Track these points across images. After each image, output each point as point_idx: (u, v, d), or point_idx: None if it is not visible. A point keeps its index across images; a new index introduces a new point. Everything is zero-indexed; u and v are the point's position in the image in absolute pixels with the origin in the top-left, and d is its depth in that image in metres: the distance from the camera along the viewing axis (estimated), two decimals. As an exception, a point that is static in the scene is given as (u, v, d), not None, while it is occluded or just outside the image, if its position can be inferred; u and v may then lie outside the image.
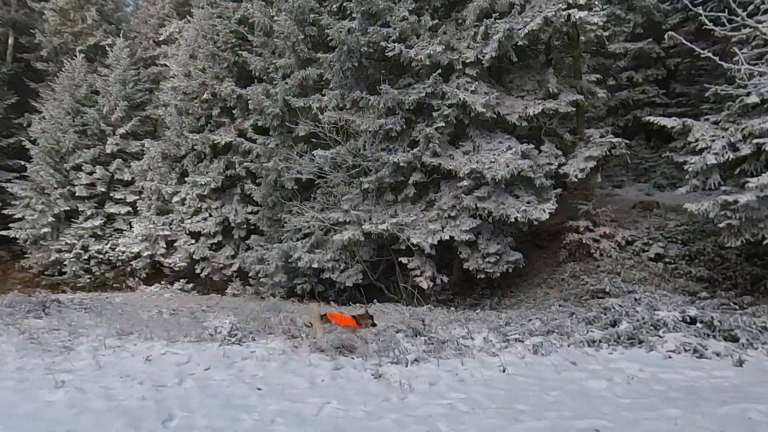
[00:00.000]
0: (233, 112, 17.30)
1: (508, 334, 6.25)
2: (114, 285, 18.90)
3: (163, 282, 17.51)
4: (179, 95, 17.39)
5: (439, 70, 10.37)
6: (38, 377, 4.78)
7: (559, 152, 10.79)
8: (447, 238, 9.91)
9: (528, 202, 9.95)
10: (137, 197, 19.13)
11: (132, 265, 18.48)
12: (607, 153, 10.82)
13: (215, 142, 16.37)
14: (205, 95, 16.78)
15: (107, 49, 21.37)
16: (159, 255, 17.49)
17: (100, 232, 18.85)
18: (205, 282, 17.98)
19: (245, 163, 15.80)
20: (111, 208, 19.00)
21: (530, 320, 7.21)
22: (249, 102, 15.62)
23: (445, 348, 5.68)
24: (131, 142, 19.97)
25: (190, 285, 17.15)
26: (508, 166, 9.55)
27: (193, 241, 17.30)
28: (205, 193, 16.93)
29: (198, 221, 17.02)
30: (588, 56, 16.11)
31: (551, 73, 11.05)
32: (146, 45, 23.77)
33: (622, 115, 17.56)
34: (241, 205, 17.10)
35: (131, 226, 19.20)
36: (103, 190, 18.95)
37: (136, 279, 18.97)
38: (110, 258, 18.64)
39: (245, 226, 16.97)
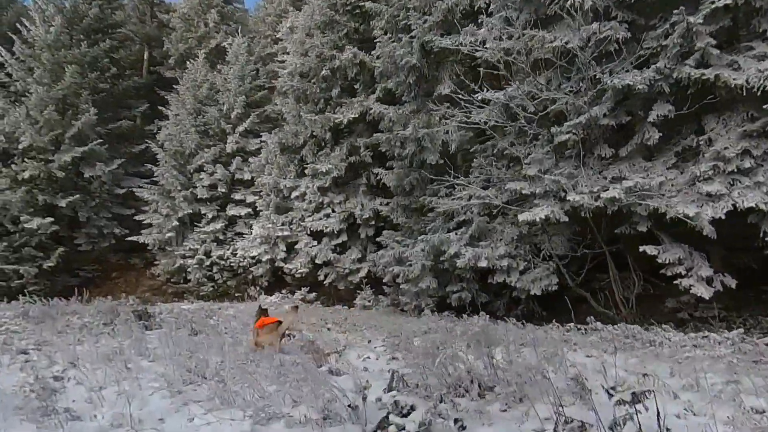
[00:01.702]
0: (355, 88, 14.58)
1: None
2: (236, 294, 17.26)
3: (284, 291, 15.22)
4: (296, 78, 15.20)
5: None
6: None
7: None
8: (743, 206, 5.45)
9: None
10: (257, 197, 17.42)
11: (252, 272, 16.64)
12: None
13: (337, 122, 13.70)
14: (323, 71, 14.29)
15: (227, 48, 20.48)
16: (279, 260, 15.28)
17: (221, 237, 17.44)
18: (329, 290, 15.35)
19: (373, 143, 12.80)
20: (232, 210, 17.51)
21: None
22: (375, 68, 12.71)
23: None
24: (250, 140, 18.51)
25: (313, 294, 14.59)
26: None
27: (314, 242, 14.79)
28: (326, 185, 14.34)
29: (319, 218, 14.47)
30: None
31: None
32: (264, 43, 22.81)
33: None
34: (367, 197, 14.16)
35: (251, 230, 17.55)
36: (224, 191, 17.57)
37: (257, 287, 17.11)
38: (231, 264, 17.06)
39: (373, 222, 13.96)
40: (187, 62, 19.66)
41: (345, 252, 14.44)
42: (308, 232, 14.95)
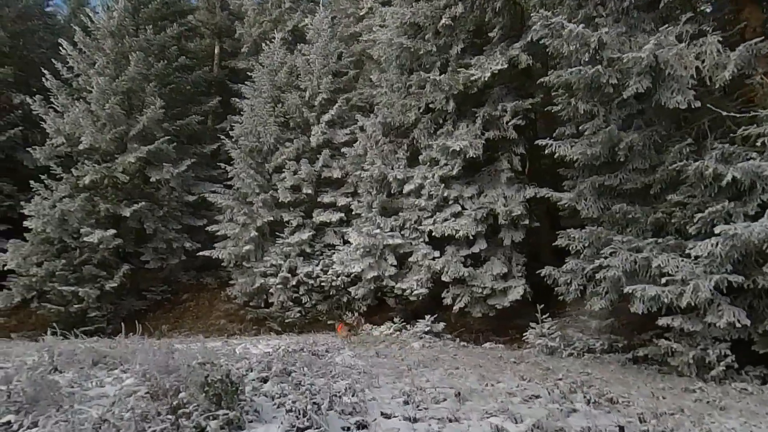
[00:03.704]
0: (489, 36, 10.67)
1: None
2: (329, 321, 13.72)
3: (397, 319, 11.37)
4: (401, 35, 11.56)
5: None
6: None
7: None
8: None
9: None
10: (350, 199, 13.90)
11: (351, 293, 13.01)
12: None
13: (472, 80, 9.81)
14: (443, 20, 10.53)
15: (307, 29, 17.49)
16: (387, 277, 11.49)
17: (308, 249, 14.03)
18: (458, 319, 11.35)
19: (525, 108, 8.79)
20: (320, 216, 14.09)
21: None
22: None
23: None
24: (338, 130, 15.14)
25: (441, 324, 10.58)
26: None
27: (436, 253, 10.89)
28: (453, 173, 10.46)
29: (444, 219, 10.58)
30: None
31: None
32: (346, 23, 19.64)
33: None
34: (513, 187, 10.09)
35: (344, 240, 14.03)
36: (309, 192, 14.23)
37: (355, 313, 13.46)
38: (322, 283, 13.56)
39: (526, 221, 9.83)
40: (263, 45, 16.78)
41: (482, 265, 10.40)
42: (426, 239, 11.10)
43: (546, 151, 8.45)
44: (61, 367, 5.34)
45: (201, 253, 14.58)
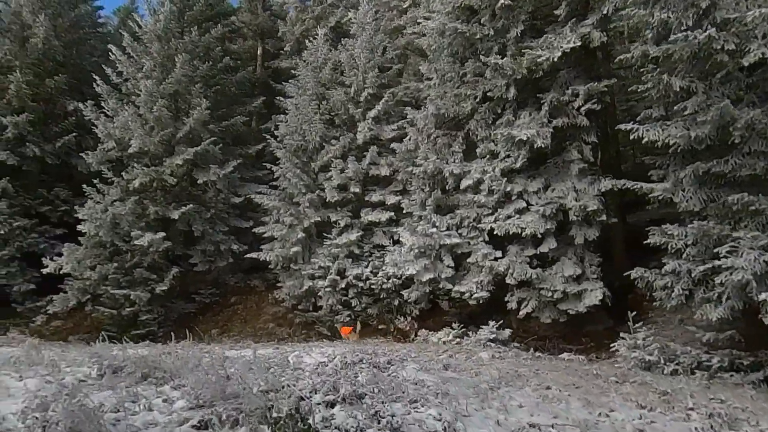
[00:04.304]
0: (554, 15, 9.69)
1: None
2: (379, 327, 13.09)
3: (456, 325, 10.55)
4: (454, 20, 10.74)
5: None
6: None
7: None
8: None
9: None
10: (399, 197, 13.22)
11: (403, 296, 12.32)
12: None
13: (537, 64, 8.89)
14: (501, 0, 9.64)
15: (350, 23, 16.97)
16: (443, 279, 10.70)
17: (357, 251, 13.44)
18: (516, 326, 10.42)
19: (600, 90, 7.78)
20: (369, 216, 13.48)
21: None
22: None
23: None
24: (385, 126, 14.49)
25: (506, 331, 9.67)
26: None
27: (498, 253, 10.00)
28: (516, 166, 9.55)
29: (507, 216, 9.68)
30: None
31: None
32: (389, 16, 18.99)
33: None
34: (585, 179, 9.07)
35: (393, 240, 13.36)
36: (356, 191, 13.66)
37: (407, 317, 12.75)
38: (372, 286, 12.93)
39: (602, 216, 8.80)
40: (306, 42, 16.37)
41: (551, 266, 9.42)
42: (485, 238, 10.23)
43: (620, 138, 7.44)
44: (108, 382, 4.91)
45: (248, 255, 14.29)
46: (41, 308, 14.48)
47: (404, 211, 12.58)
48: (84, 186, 13.74)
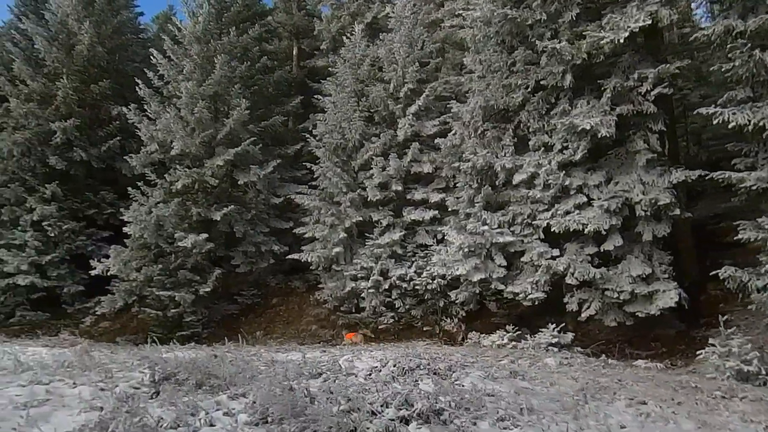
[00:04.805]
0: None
1: None
2: (424, 328, 12.64)
3: (510, 327, 9.95)
4: (502, 6, 10.15)
5: None
6: None
7: None
8: None
9: None
10: (443, 194, 12.76)
11: (449, 297, 11.84)
12: None
13: (599, 47, 8.24)
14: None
15: (388, 18, 16.59)
16: (495, 279, 10.13)
17: (399, 251, 13.03)
18: (573, 329, 9.74)
19: (672, 73, 7.07)
20: (412, 215, 13.06)
21: None
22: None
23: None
24: (426, 122, 14.04)
25: (569, 335, 9.02)
26: None
27: (555, 251, 9.36)
28: (576, 158, 8.89)
29: (566, 213, 9.05)
30: None
31: None
32: (427, 9, 18.48)
33: None
34: (654, 170, 8.35)
35: (437, 239, 12.91)
36: (398, 188, 13.26)
37: (455, 320, 12.25)
38: (416, 287, 12.50)
39: (675, 210, 8.07)
40: (343, 39, 16.09)
41: (616, 265, 8.73)
42: (540, 236, 9.61)
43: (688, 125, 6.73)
44: (162, 391, 4.67)
45: (290, 257, 14.10)
46: (90, 309, 14.78)
47: (449, 210, 12.10)
48: (129, 189, 13.88)
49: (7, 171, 15.48)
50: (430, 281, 12.22)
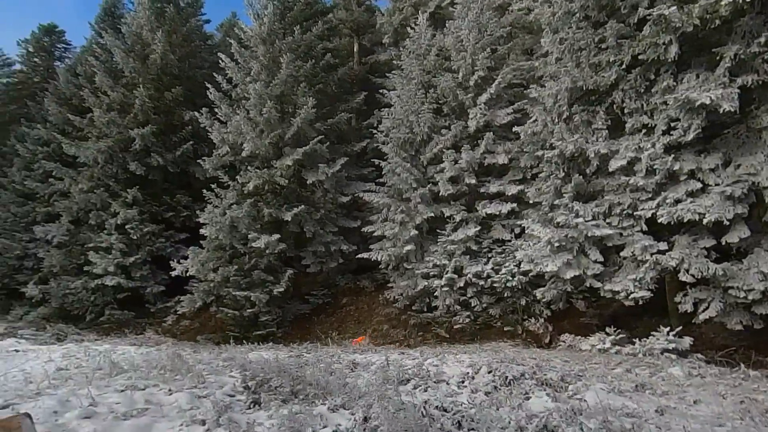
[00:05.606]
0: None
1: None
2: (504, 329, 11.86)
3: (613, 330, 9.00)
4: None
5: None
6: None
7: None
8: None
9: None
10: (521, 186, 11.92)
11: (533, 295, 11.02)
12: None
13: (714, 11, 7.15)
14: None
15: (454, 5, 15.91)
16: (590, 276, 9.20)
17: (474, 247, 12.35)
18: (696, 331, 8.62)
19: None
20: (487, 208, 12.32)
21: None
22: None
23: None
24: (498, 111, 13.22)
25: (686, 340, 7.96)
26: None
27: (662, 245, 8.31)
28: (688, 139, 7.81)
29: (676, 201, 7.98)
30: None
31: None
32: (493, -7, 17.54)
33: None
34: (789, 149, 7.10)
35: (515, 234, 12.12)
36: (471, 182, 12.55)
37: (541, 320, 11.40)
38: (494, 284, 11.77)
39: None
40: (407, 29, 15.58)
41: (740, 260, 7.58)
42: (643, 228, 8.58)
43: None
44: (259, 400, 4.38)
45: (360, 256, 13.81)
46: (171, 308, 15.34)
47: (530, 202, 11.25)
48: (203, 191, 14.18)
49: (93, 177, 16.41)
50: (510, 278, 11.45)
